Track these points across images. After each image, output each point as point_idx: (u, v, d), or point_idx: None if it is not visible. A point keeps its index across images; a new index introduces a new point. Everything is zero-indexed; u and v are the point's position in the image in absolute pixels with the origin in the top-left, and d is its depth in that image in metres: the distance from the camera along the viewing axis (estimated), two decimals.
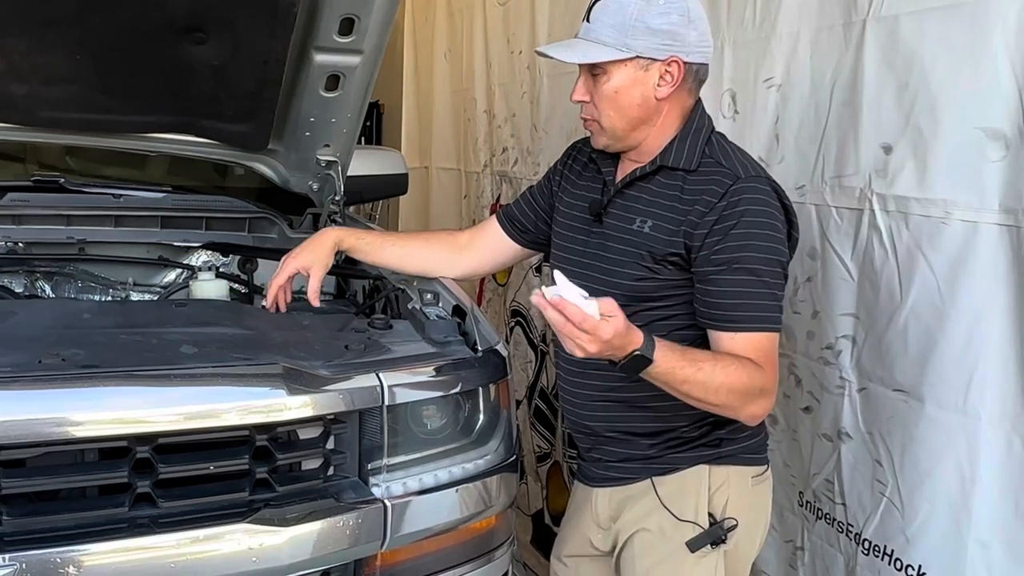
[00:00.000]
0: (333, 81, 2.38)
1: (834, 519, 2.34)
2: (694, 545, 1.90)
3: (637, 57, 1.81)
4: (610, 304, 1.56)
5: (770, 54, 2.43)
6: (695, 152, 1.85)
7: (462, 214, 4.59)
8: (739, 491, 1.95)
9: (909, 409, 2.08)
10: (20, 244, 2.57)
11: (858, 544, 2.25)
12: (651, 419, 1.91)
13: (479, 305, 4.32)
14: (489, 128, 4.22)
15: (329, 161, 2.60)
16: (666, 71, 1.83)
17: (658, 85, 1.83)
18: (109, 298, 2.57)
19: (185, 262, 2.69)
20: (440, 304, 2.18)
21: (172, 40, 2.26)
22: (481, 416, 2.01)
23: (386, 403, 1.82)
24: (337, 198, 2.61)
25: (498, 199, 4.14)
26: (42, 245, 2.59)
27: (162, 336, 1.89)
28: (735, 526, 1.92)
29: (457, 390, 1.93)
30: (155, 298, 2.60)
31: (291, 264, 2.21)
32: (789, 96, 2.41)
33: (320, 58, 2.31)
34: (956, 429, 1.97)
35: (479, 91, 4.31)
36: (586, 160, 2.06)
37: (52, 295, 2.53)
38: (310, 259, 2.20)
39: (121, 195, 2.61)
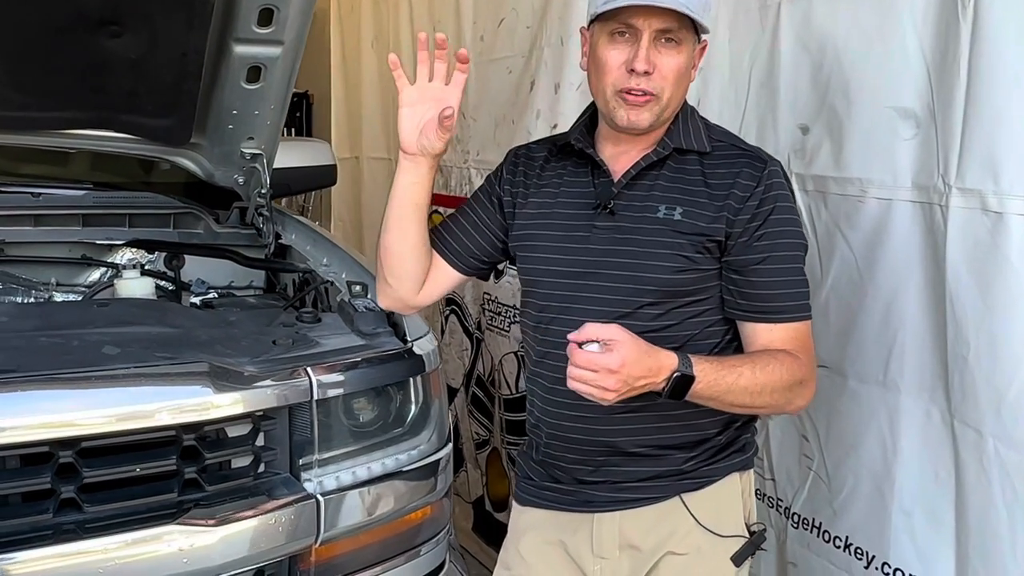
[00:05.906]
0: (254, 73, 2.35)
1: (764, 494, 2.38)
2: (740, 558, 1.78)
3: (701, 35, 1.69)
4: (610, 330, 1.46)
5: None
6: (700, 133, 1.73)
7: None
8: (753, 494, 1.87)
9: (832, 384, 2.13)
10: None
11: (788, 518, 2.30)
12: (688, 428, 1.73)
13: None
14: None
15: (254, 154, 2.56)
16: (701, 53, 1.73)
17: (693, 67, 1.71)
18: (32, 300, 2.51)
19: (110, 260, 2.64)
20: (369, 296, 2.16)
21: (87, 34, 2.21)
22: (412, 407, 2.01)
23: (315, 398, 1.82)
24: (263, 191, 2.58)
25: None
26: None
27: (83, 337, 1.85)
28: (764, 529, 1.84)
29: (386, 382, 1.93)
30: (79, 298, 2.55)
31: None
32: (710, 79, 2.44)
33: (240, 49, 2.27)
34: (877, 402, 2.03)
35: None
36: (542, 161, 1.85)
37: None
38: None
39: (40, 193, 2.55)
